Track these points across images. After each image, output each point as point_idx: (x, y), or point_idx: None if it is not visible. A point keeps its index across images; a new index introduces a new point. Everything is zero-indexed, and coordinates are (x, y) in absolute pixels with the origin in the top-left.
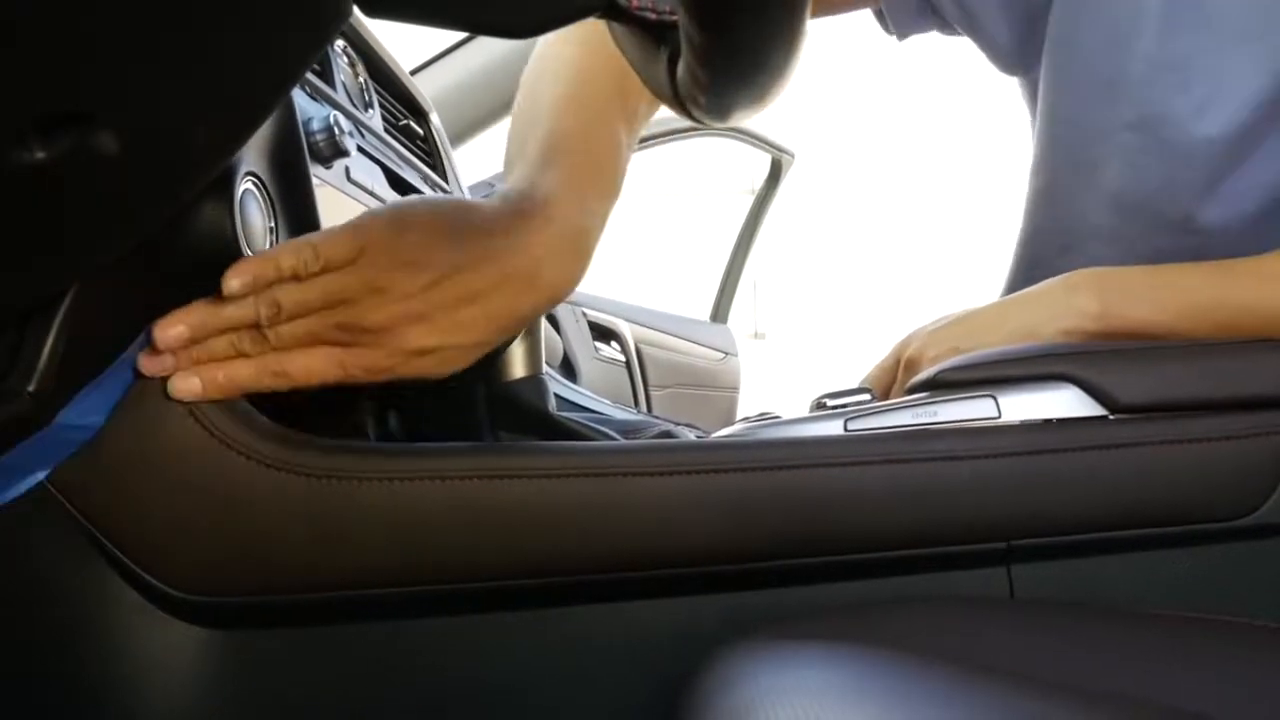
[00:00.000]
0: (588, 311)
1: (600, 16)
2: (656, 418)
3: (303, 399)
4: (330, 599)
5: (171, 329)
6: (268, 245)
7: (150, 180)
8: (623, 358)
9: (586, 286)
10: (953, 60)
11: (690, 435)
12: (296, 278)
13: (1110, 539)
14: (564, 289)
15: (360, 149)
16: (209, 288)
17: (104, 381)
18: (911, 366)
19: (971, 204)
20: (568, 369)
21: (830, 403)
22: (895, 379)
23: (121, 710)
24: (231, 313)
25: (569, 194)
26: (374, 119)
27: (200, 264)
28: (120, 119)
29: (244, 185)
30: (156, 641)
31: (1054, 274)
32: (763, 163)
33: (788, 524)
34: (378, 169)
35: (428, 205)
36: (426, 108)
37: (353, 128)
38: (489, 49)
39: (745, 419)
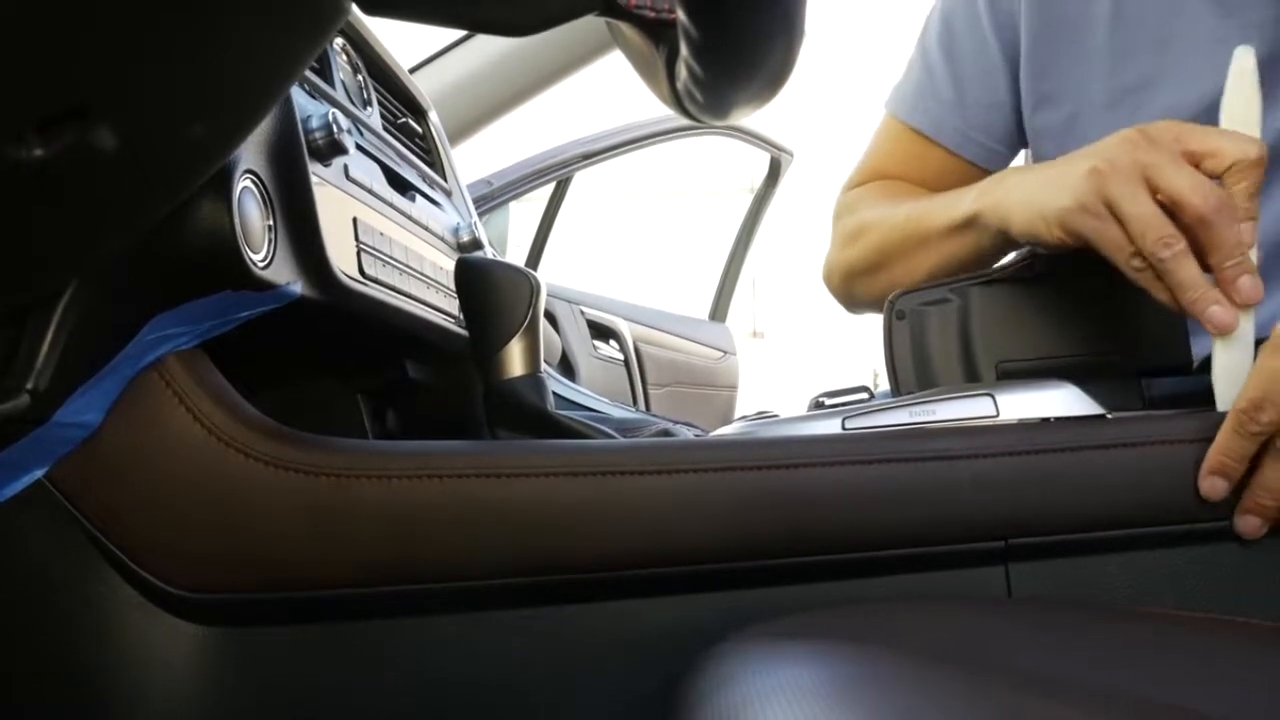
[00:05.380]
0: (586, 310)
1: (599, 14)
2: (655, 416)
3: (300, 397)
4: (328, 596)
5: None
6: (266, 243)
7: (148, 177)
8: (621, 356)
9: (585, 285)
10: None
11: (689, 434)
12: None
13: (1108, 538)
14: None
15: (359, 147)
16: (207, 285)
17: (102, 379)
18: None
19: None
20: (566, 367)
21: (828, 401)
22: None
23: (120, 707)
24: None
25: None
26: (373, 117)
27: (198, 261)
28: (119, 116)
29: (242, 183)
30: (155, 638)
31: None
32: (762, 161)
33: (785, 522)
34: (376, 167)
35: None
36: (425, 106)
37: (351, 125)
38: (488, 47)
39: (744, 417)
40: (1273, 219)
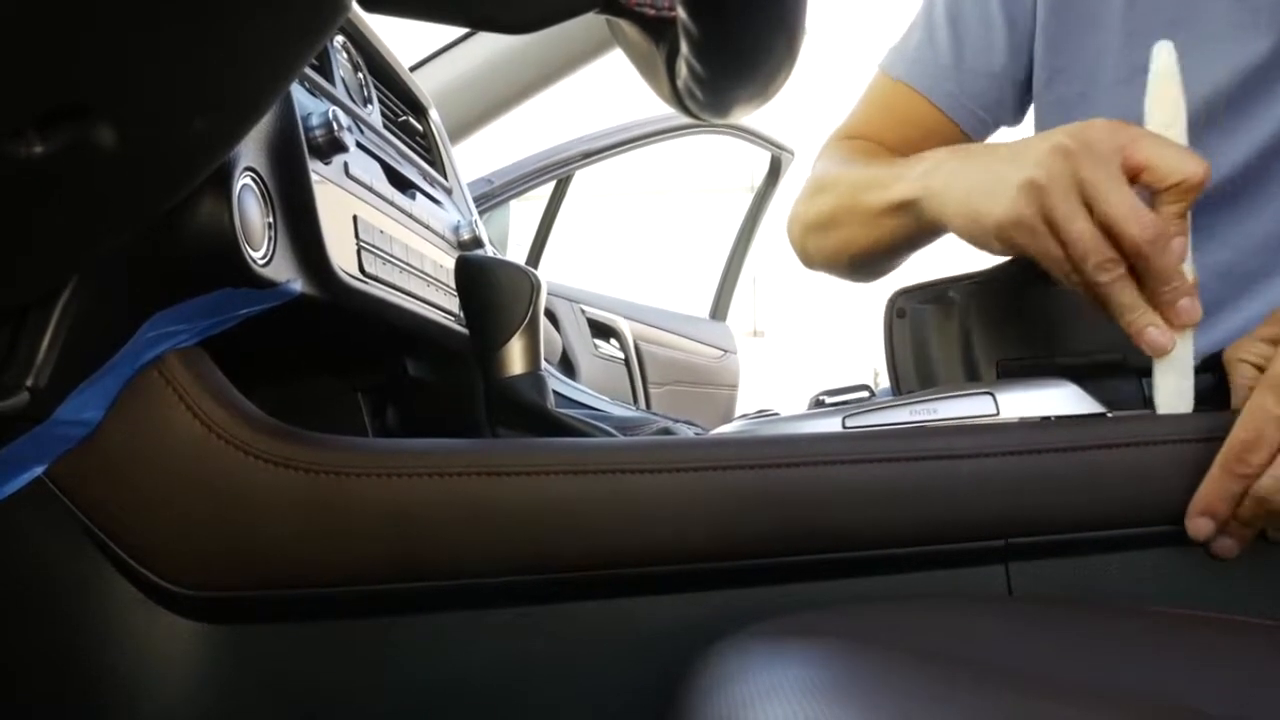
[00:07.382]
0: (587, 309)
1: (599, 12)
2: (655, 415)
3: (300, 395)
4: (327, 594)
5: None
6: (266, 241)
7: (148, 174)
8: (622, 355)
9: (585, 284)
10: None
11: (689, 432)
12: None
13: (1108, 537)
14: None
15: (359, 145)
16: (207, 283)
17: (102, 376)
18: None
19: None
20: (567, 366)
21: (829, 400)
22: None
23: (120, 704)
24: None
25: None
26: (373, 115)
27: (198, 259)
28: (118, 113)
29: (242, 180)
30: (153, 636)
31: None
32: (762, 160)
33: (785, 521)
34: (376, 165)
35: None
36: (426, 103)
37: (351, 123)
38: (489, 45)
39: (744, 416)
40: (1273, 218)
